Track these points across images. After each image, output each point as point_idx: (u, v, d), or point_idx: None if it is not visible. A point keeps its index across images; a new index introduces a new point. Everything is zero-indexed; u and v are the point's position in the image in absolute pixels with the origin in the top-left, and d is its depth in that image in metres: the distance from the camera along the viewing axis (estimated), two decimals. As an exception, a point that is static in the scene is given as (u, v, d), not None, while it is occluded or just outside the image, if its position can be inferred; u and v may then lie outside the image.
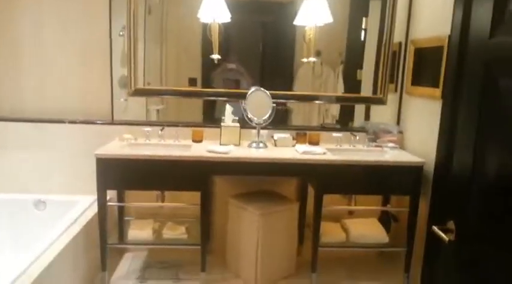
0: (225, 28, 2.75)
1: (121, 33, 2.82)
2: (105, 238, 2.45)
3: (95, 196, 2.43)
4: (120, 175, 2.43)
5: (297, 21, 2.87)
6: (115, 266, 2.78)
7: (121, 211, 2.83)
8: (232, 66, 2.99)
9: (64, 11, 2.81)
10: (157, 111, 3.03)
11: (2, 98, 2.86)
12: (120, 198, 2.76)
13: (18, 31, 2.81)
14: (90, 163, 2.37)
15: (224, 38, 2.77)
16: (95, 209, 2.52)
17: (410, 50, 2.79)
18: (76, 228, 2.42)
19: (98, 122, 2.87)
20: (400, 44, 2.91)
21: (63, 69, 2.87)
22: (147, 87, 2.91)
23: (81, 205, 2.68)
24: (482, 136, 1.44)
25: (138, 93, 2.88)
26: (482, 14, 1.49)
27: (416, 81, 2.72)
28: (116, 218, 2.79)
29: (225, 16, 2.72)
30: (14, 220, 2.76)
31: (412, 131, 2.80)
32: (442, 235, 1.44)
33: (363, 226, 2.73)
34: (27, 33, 2.82)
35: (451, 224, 1.46)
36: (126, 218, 2.83)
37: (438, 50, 2.34)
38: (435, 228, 1.48)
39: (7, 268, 1.96)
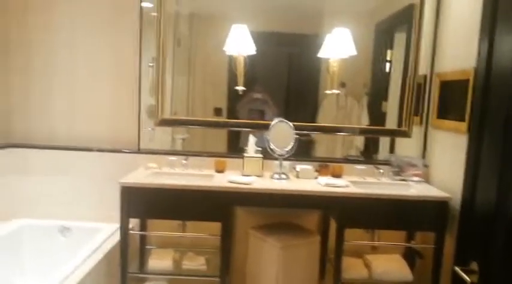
0: (250, 60, 2.80)
1: (150, 64, 2.91)
2: (126, 266, 2.47)
3: (118, 224, 2.47)
4: (143, 204, 2.46)
5: (322, 54, 2.89)
6: (135, 295, 2.78)
7: (143, 239, 2.85)
8: (257, 95, 3.03)
9: (96, 41, 2.93)
10: (183, 140, 3.08)
11: (32, 126, 2.97)
12: (143, 227, 2.79)
13: (51, 60, 2.93)
14: (116, 191, 2.40)
15: (249, 70, 2.82)
16: (117, 237, 2.55)
17: (436, 82, 2.76)
18: (98, 255, 2.46)
19: (125, 151, 2.93)
20: (425, 76, 2.89)
21: (94, 98, 2.97)
22: (173, 117, 2.99)
23: (104, 233, 2.72)
24: (507, 173, 1.39)
25: (165, 123, 2.95)
26: (506, 50, 1.47)
27: (442, 114, 2.67)
28: (137, 246, 2.82)
29: (250, 49, 2.78)
30: (39, 245, 2.83)
31: (438, 165, 2.73)
32: (465, 276, 1.39)
33: (386, 263, 2.65)
34: (59, 62, 2.93)
35: (474, 266, 1.41)
36: (147, 247, 2.85)
37: (464, 83, 2.31)
38: (457, 269, 1.43)
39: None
